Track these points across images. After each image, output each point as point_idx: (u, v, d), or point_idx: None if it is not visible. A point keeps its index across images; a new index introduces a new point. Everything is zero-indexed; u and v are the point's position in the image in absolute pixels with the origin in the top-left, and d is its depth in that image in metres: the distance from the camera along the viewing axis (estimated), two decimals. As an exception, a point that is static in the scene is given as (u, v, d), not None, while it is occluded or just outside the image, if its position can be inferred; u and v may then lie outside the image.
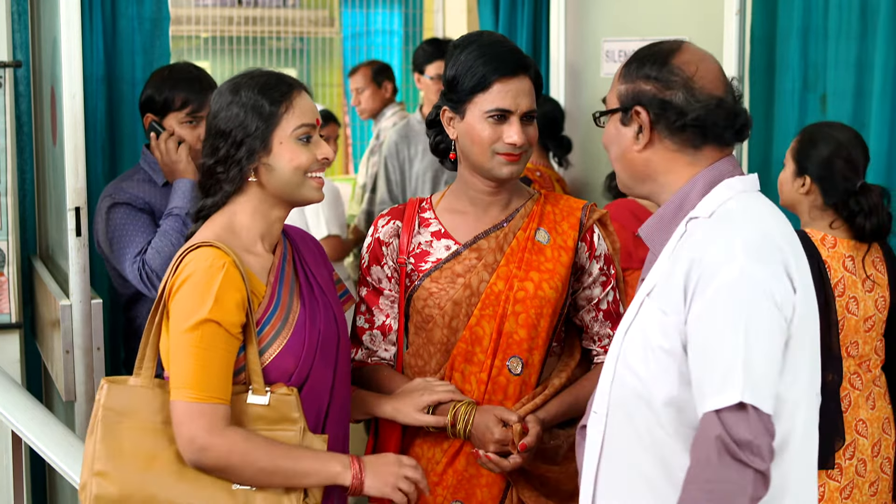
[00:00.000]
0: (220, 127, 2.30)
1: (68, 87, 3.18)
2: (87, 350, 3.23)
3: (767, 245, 1.91)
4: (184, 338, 2.17)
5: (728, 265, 1.87)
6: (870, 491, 3.10)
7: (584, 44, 4.86)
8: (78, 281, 3.21)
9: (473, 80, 2.45)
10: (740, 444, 1.80)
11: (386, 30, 7.40)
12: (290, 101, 2.30)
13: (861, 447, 3.08)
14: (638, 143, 2.05)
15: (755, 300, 1.85)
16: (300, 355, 2.29)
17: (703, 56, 2.06)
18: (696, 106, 2.00)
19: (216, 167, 2.31)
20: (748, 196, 2.02)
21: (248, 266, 2.27)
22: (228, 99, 2.31)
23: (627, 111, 2.06)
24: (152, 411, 2.23)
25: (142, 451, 2.21)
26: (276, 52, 7.42)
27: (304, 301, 2.36)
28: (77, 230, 3.18)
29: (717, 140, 2.03)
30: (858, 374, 3.10)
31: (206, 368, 2.16)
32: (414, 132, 5.05)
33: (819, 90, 3.79)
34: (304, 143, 2.31)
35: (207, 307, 2.16)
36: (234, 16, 7.12)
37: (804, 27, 3.81)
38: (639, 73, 2.06)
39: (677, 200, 2.03)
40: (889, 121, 3.52)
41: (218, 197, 2.32)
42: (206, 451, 2.16)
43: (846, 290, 3.07)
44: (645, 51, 2.09)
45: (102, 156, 3.78)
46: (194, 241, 2.26)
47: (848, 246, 3.11)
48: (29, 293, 3.81)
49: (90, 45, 3.69)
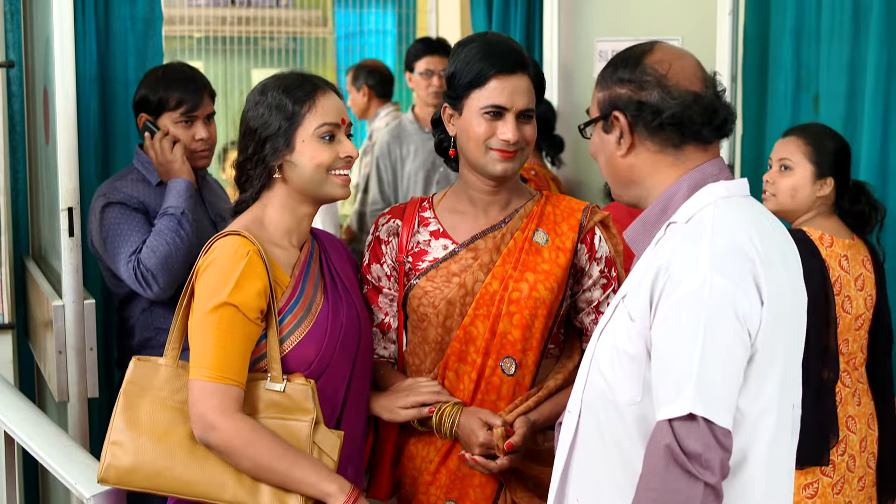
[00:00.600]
0: (249, 125, 2.40)
1: (61, 86, 3.17)
2: (80, 350, 3.23)
3: (736, 256, 1.88)
4: (204, 319, 2.25)
5: (692, 275, 1.85)
6: (858, 485, 3.12)
7: (577, 44, 4.86)
8: (71, 281, 3.20)
9: (470, 76, 2.46)
10: (689, 456, 1.78)
11: (379, 30, 7.39)
12: (313, 100, 2.38)
13: (851, 443, 3.10)
14: (620, 148, 2.04)
15: (716, 312, 1.83)
16: (322, 344, 2.36)
17: (678, 54, 2.05)
18: (671, 103, 1.98)
19: (246, 164, 2.41)
20: (729, 202, 1.98)
21: (274, 257, 2.36)
22: (256, 99, 2.41)
23: (607, 118, 2.05)
24: (173, 389, 2.32)
25: (158, 426, 2.29)
26: (270, 52, 7.42)
27: (328, 296, 2.43)
28: (70, 230, 3.18)
29: (696, 137, 2.00)
30: (847, 372, 3.11)
31: (222, 350, 2.24)
32: (406, 132, 5.06)
33: (812, 91, 3.80)
34: (327, 142, 2.38)
35: (227, 291, 2.24)
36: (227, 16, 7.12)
37: (797, 28, 3.81)
38: (613, 78, 2.05)
39: (661, 204, 2.02)
40: (881, 121, 3.53)
41: (249, 193, 2.41)
42: (213, 430, 2.22)
43: (842, 288, 3.07)
44: (618, 56, 2.08)
45: (95, 156, 3.77)
46: (225, 230, 2.35)
47: (843, 245, 3.12)
48: (22, 293, 3.81)
49: (83, 45, 3.68)
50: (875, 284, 3.18)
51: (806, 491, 3.04)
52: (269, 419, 2.29)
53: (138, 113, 3.23)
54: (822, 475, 3.06)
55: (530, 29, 5.03)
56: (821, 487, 3.05)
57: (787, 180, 3.17)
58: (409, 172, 5.01)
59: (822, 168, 3.14)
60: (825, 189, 3.15)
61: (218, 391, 2.22)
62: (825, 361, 3.02)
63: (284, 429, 2.28)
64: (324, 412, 2.35)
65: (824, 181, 3.14)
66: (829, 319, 3.02)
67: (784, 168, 3.18)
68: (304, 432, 2.29)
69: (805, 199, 3.16)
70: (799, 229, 3.12)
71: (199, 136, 3.20)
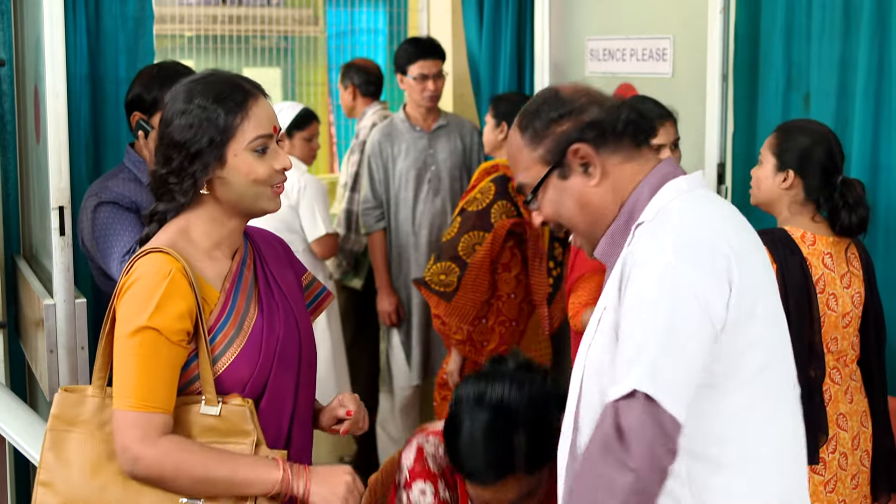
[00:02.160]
0: (174, 137, 2.21)
1: (52, 85, 3.17)
2: (71, 350, 3.22)
3: (701, 246, 1.88)
4: (124, 344, 2.14)
5: (656, 260, 1.85)
6: (851, 484, 3.13)
7: (568, 42, 4.86)
8: (62, 280, 3.20)
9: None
10: (622, 434, 1.75)
11: (370, 28, 7.39)
12: (245, 110, 2.21)
13: (842, 441, 3.10)
14: (593, 177, 2.01)
15: (678, 298, 1.82)
16: (256, 363, 2.24)
17: (579, 82, 2.08)
18: (615, 111, 2.00)
19: (169, 177, 2.24)
20: (691, 196, 1.99)
21: (202, 273, 2.22)
22: (182, 107, 2.21)
23: (562, 161, 2.01)
24: (101, 422, 2.21)
25: (88, 462, 2.19)
26: (261, 51, 7.40)
27: (263, 307, 2.30)
28: (61, 229, 3.17)
29: (648, 136, 2.03)
30: (838, 369, 3.12)
31: (144, 376, 2.12)
32: (397, 131, 5.05)
33: (802, 89, 3.80)
34: (261, 155, 2.23)
35: (148, 314, 2.12)
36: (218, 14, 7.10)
37: (788, 26, 3.82)
38: (545, 125, 2.03)
39: (626, 212, 2.01)
40: (872, 119, 3.54)
41: (171, 205, 2.27)
42: (138, 462, 2.12)
43: (826, 286, 3.08)
44: (528, 112, 2.06)
45: (86, 155, 3.76)
46: (146, 247, 2.21)
47: (827, 243, 3.13)
48: (12, 293, 3.80)
49: (74, 44, 3.67)
50: (864, 282, 3.18)
51: None
52: (209, 444, 2.18)
53: (131, 112, 3.21)
54: (812, 473, 3.06)
55: (521, 27, 5.03)
56: (812, 486, 3.06)
57: (758, 172, 3.24)
58: (400, 171, 5.01)
59: (783, 160, 3.16)
60: (787, 181, 3.15)
61: (140, 420, 2.11)
62: (811, 359, 3.03)
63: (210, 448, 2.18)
64: (269, 432, 2.26)
65: (785, 173, 3.15)
66: (813, 318, 3.03)
67: (760, 162, 3.24)
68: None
69: (768, 191, 3.19)
70: (780, 228, 3.14)
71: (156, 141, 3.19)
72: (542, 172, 2.03)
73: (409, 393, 5.16)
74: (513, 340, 4.34)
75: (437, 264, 4.30)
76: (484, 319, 4.30)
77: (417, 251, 5.01)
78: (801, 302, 3.00)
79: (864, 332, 3.20)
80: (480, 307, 4.27)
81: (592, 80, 4.74)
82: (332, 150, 7.83)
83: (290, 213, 4.88)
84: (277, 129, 2.28)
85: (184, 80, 2.27)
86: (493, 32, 5.06)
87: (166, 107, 2.25)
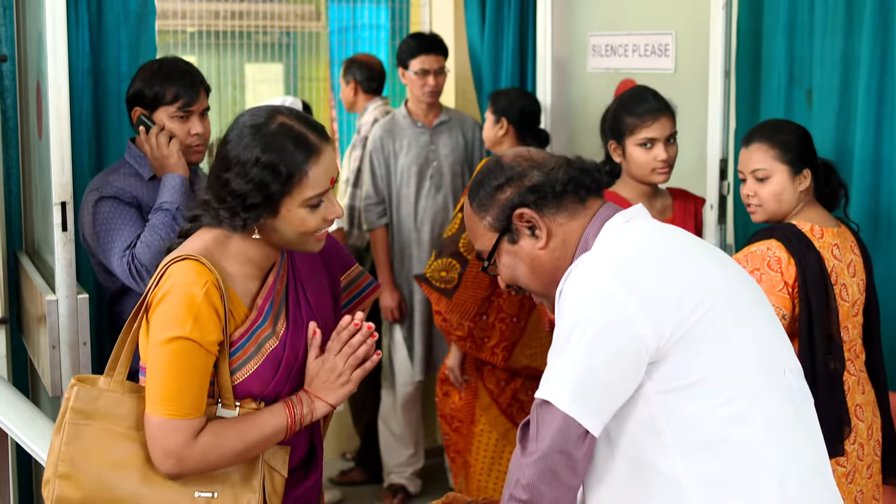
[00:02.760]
0: (231, 186, 2.19)
1: (54, 81, 3.17)
2: (74, 345, 3.22)
3: (629, 262, 1.97)
4: (160, 352, 2.17)
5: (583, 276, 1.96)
6: (867, 473, 3.14)
7: (570, 38, 4.86)
8: (64, 276, 3.20)
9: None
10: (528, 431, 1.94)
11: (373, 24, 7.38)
12: (306, 170, 2.19)
13: (860, 432, 3.11)
14: (539, 239, 2.09)
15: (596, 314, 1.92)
16: (269, 382, 2.30)
17: (524, 147, 2.22)
18: (554, 173, 2.09)
19: (219, 208, 2.23)
20: (629, 227, 2.06)
21: (233, 286, 2.26)
22: (246, 156, 2.18)
23: (509, 226, 2.10)
24: (121, 416, 2.23)
25: (108, 456, 2.21)
26: (263, 47, 7.40)
27: (289, 324, 2.34)
28: (63, 225, 3.17)
29: (596, 185, 2.12)
30: (851, 360, 3.12)
31: (181, 385, 2.17)
32: (399, 127, 5.05)
33: (805, 85, 3.80)
34: (315, 209, 2.24)
35: (186, 325, 2.15)
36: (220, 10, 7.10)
37: (790, 22, 3.81)
38: (489, 194, 2.12)
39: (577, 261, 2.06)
40: (875, 116, 3.53)
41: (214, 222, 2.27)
42: (183, 462, 2.19)
43: (838, 277, 3.09)
44: (476, 178, 2.16)
45: (88, 150, 3.76)
46: (181, 252, 2.23)
47: (832, 234, 3.13)
48: (15, 288, 3.80)
49: (76, 40, 3.67)
50: (864, 268, 3.19)
51: None
52: None
53: (132, 107, 3.22)
54: (836, 465, 3.06)
55: (524, 23, 5.02)
56: (835, 478, 3.06)
57: (768, 188, 3.17)
58: (402, 167, 5.01)
59: (796, 164, 3.15)
60: (805, 182, 3.16)
61: (181, 428, 2.17)
62: (830, 351, 3.03)
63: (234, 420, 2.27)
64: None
65: (802, 174, 3.15)
66: (831, 309, 3.04)
67: (760, 180, 3.18)
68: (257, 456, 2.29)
69: (791, 199, 3.17)
70: (788, 223, 3.13)
71: (194, 130, 3.19)
72: (493, 239, 2.13)
73: (411, 389, 5.17)
74: (513, 337, 4.34)
75: (439, 261, 4.30)
76: (485, 316, 4.30)
77: (419, 247, 5.01)
78: (819, 295, 3.01)
79: (866, 315, 3.21)
80: (481, 303, 4.27)
81: (594, 75, 4.74)
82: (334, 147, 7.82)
83: None
84: (335, 179, 2.27)
85: (250, 119, 2.23)
86: (495, 28, 5.06)
87: (229, 143, 2.22)
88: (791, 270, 3.02)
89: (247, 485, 2.27)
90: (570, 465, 1.92)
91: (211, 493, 2.24)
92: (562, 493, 1.94)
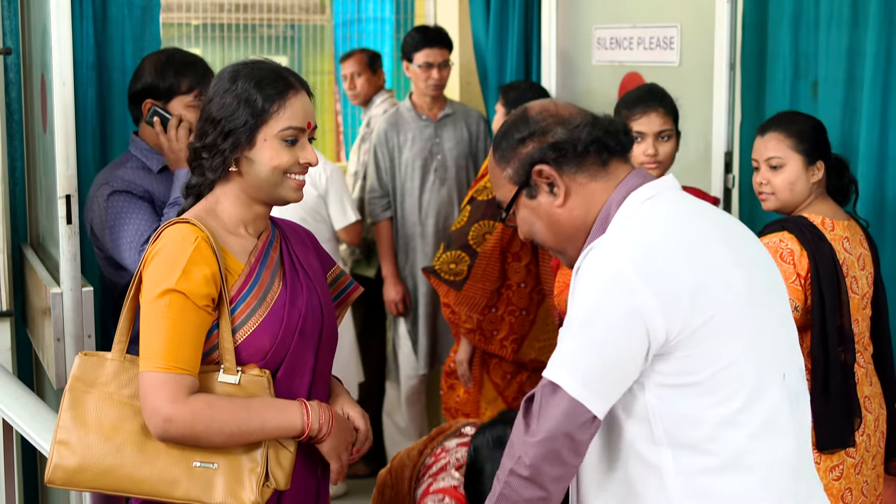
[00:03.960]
0: (213, 114, 2.31)
1: (58, 74, 3.16)
2: (78, 338, 3.23)
3: (650, 250, 1.94)
4: (151, 307, 2.20)
5: (607, 263, 1.93)
6: (872, 464, 3.15)
7: (575, 31, 4.85)
8: (69, 269, 3.20)
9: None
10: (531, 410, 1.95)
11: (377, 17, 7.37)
12: (284, 99, 2.30)
13: (868, 423, 3.12)
14: (557, 197, 2.06)
15: (616, 305, 1.91)
16: (277, 335, 2.29)
17: (552, 100, 2.13)
18: (579, 130, 2.04)
19: (202, 151, 2.33)
20: (655, 201, 2.03)
21: (227, 245, 2.30)
22: (225, 86, 2.31)
23: (528, 181, 2.07)
24: (120, 384, 2.26)
25: (105, 422, 2.24)
26: (267, 40, 7.40)
27: (287, 283, 2.36)
28: (68, 218, 3.17)
29: (619, 148, 2.07)
30: (860, 352, 3.13)
31: (171, 338, 2.17)
32: (403, 120, 5.05)
33: (810, 77, 3.79)
34: (289, 145, 2.30)
35: (175, 277, 2.18)
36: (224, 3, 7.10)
37: (796, 15, 3.81)
38: (512, 146, 2.10)
39: (597, 228, 2.05)
40: (880, 108, 3.53)
41: (203, 181, 2.35)
42: (170, 422, 2.16)
43: (848, 270, 3.10)
44: (501, 129, 2.13)
45: (93, 143, 3.76)
46: (174, 219, 2.29)
47: (843, 227, 3.14)
48: (20, 281, 3.81)
49: (80, 33, 3.67)
50: (872, 261, 3.20)
51: (833, 473, 3.06)
52: None
53: (141, 100, 3.19)
54: (846, 456, 3.07)
55: (529, 15, 5.01)
56: (845, 468, 3.07)
57: (782, 176, 3.18)
58: (406, 160, 5.01)
59: (811, 155, 3.16)
60: (818, 173, 3.17)
61: (170, 381, 2.16)
62: (841, 343, 3.04)
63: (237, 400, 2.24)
64: None
65: (815, 166, 3.16)
66: (842, 301, 3.05)
67: (774, 167, 3.19)
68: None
69: (803, 189, 3.17)
70: (800, 215, 3.13)
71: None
72: (512, 192, 2.11)
73: (416, 382, 5.17)
74: (522, 330, 4.34)
75: (447, 253, 4.30)
76: (494, 308, 4.30)
77: (424, 240, 5.01)
78: (832, 287, 3.02)
79: (874, 308, 3.21)
80: (490, 296, 4.27)
81: (599, 68, 4.73)
82: (338, 139, 7.82)
83: (318, 201, 4.91)
84: (312, 125, 2.35)
85: (234, 63, 2.37)
86: (499, 21, 5.05)
87: (213, 84, 2.34)
88: (804, 262, 3.03)
89: (249, 455, 2.25)
90: (573, 448, 1.93)
91: (211, 464, 2.22)
92: (563, 472, 1.95)
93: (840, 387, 3.02)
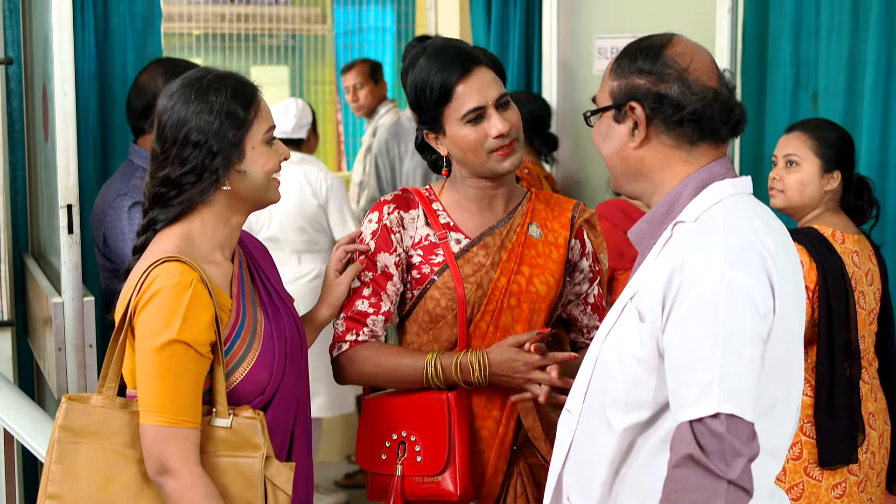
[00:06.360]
0: (192, 137, 2.21)
1: (60, 83, 3.17)
2: (80, 348, 3.22)
3: (748, 251, 1.87)
4: (152, 358, 2.12)
5: (708, 272, 1.83)
6: (876, 482, 3.13)
7: (576, 41, 4.86)
8: (70, 279, 3.20)
9: (434, 96, 2.45)
10: (710, 454, 1.75)
11: (378, 27, 7.39)
12: (257, 103, 2.28)
13: (872, 440, 3.10)
14: (634, 139, 2.00)
15: (736, 308, 1.81)
16: (272, 367, 2.26)
17: (696, 48, 2.02)
18: (692, 99, 1.95)
19: (184, 178, 2.22)
20: (736, 200, 1.97)
21: (212, 278, 2.22)
22: (196, 107, 2.22)
23: (621, 108, 2.01)
24: (111, 433, 2.18)
25: (99, 474, 2.16)
26: (269, 50, 7.41)
27: (266, 310, 2.32)
28: (69, 227, 3.17)
29: (713, 136, 1.99)
30: (865, 368, 3.11)
31: (175, 391, 2.11)
32: (404, 130, 5.06)
33: (811, 87, 3.80)
34: (270, 146, 2.29)
35: (176, 327, 2.10)
36: (226, 13, 7.12)
37: (796, 24, 3.81)
38: (631, 67, 2.01)
39: (667, 203, 2.00)
40: (881, 117, 3.53)
41: (176, 209, 2.24)
42: (171, 477, 2.11)
43: (857, 285, 3.08)
44: (636, 45, 2.05)
45: (94, 153, 3.77)
46: (159, 256, 2.18)
47: (853, 241, 3.12)
48: (21, 291, 3.81)
49: (82, 43, 3.68)
50: (880, 277, 3.18)
51: (834, 491, 3.03)
52: (218, 457, 2.18)
53: (145, 109, 3.18)
54: (849, 474, 3.05)
55: (529, 25, 5.03)
56: (848, 486, 3.05)
57: (795, 176, 3.16)
58: (407, 170, 5.01)
59: (829, 162, 3.14)
60: (832, 183, 3.14)
61: (178, 436, 2.11)
62: (847, 357, 3.02)
63: (234, 466, 2.18)
64: (276, 440, 2.27)
65: (831, 175, 3.14)
66: (850, 316, 3.02)
67: (790, 164, 3.17)
68: (254, 469, 2.18)
69: (814, 194, 3.15)
70: (810, 227, 3.11)
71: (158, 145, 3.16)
72: (606, 103, 2.06)
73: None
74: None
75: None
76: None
77: (425, 249, 5.01)
78: (840, 300, 3.00)
79: (881, 325, 3.20)
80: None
81: (600, 78, 4.73)
82: (339, 149, 7.83)
83: (318, 211, 4.90)
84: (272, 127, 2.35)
85: (178, 81, 2.28)
86: (501, 31, 5.06)
87: (174, 108, 2.24)
88: (812, 275, 3.01)
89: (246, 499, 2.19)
90: (748, 471, 1.80)
91: None
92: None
93: (845, 402, 3.00)
